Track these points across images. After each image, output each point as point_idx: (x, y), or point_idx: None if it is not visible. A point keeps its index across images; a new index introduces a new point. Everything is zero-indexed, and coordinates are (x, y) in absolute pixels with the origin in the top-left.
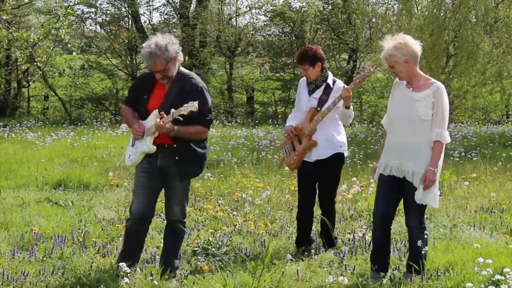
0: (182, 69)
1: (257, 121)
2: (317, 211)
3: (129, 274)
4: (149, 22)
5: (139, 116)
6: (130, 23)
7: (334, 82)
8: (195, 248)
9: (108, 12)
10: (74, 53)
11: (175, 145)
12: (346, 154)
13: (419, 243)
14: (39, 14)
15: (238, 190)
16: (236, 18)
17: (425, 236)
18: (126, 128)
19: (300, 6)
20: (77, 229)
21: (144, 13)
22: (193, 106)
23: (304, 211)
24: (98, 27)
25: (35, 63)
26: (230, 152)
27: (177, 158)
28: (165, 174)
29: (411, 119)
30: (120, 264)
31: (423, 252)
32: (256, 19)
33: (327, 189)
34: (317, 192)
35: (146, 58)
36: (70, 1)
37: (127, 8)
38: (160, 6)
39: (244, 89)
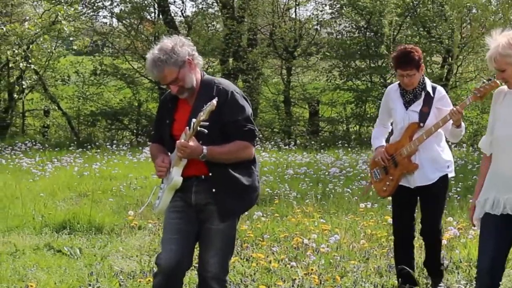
0: (207, 76)
1: (322, 144)
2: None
3: None
4: (182, 13)
5: (170, 151)
6: (156, 14)
7: (434, 89)
8: None
9: (128, 0)
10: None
11: (210, 174)
12: (452, 175)
13: None
14: (37, 3)
15: (298, 234)
16: (295, 9)
17: None
18: None
19: None
20: (87, 285)
21: (175, 1)
22: (210, 104)
23: (402, 241)
24: (114, 20)
25: (29, 65)
26: (287, 184)
27: (214, 190)
28: (200, 214)
29: None
30: None
31: None
32: (321, 11)
33: (431, 220)
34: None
35: (151, 68)
36: None
37: None
38: None
39: (306, 101)
